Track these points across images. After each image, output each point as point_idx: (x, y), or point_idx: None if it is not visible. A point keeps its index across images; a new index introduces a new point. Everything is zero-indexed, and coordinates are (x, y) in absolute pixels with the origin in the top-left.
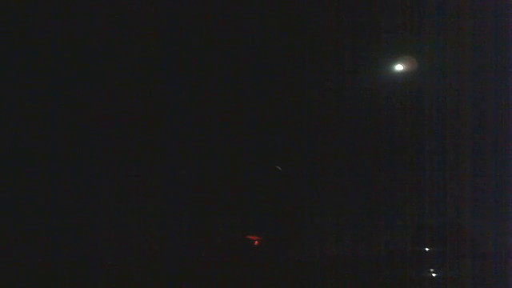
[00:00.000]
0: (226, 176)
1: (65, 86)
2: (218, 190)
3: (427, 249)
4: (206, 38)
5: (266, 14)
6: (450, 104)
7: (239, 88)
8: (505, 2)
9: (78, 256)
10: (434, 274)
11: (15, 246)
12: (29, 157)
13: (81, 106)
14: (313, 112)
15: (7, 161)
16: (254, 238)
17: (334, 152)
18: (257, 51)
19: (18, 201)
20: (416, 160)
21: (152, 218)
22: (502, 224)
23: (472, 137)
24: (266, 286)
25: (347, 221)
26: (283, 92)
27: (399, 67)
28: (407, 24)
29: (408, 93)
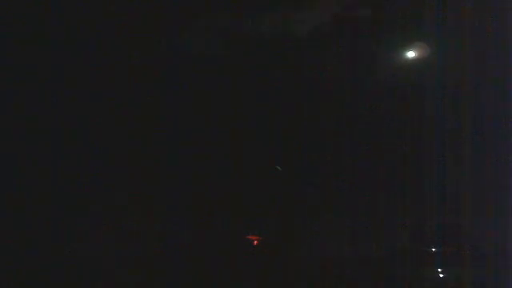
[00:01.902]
0: (226, 176)
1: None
2: (217, 190)
3: (427, 249)
4: (206, 38)
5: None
6: (450, 104)
7: (239, 86)
8: None
9: (77, 256)
10: (433, 274)
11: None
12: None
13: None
14: (312, 112)
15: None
16: (253, 237)
17: (333, 151)
18: (259, 45)
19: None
20: (416, 159)
21: (151, 217)
22: (502, 224)
23: (472, 136)
24: (266, 286)
25: (347, 221)
26: (282, 91)
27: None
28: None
29: (407, 92)
